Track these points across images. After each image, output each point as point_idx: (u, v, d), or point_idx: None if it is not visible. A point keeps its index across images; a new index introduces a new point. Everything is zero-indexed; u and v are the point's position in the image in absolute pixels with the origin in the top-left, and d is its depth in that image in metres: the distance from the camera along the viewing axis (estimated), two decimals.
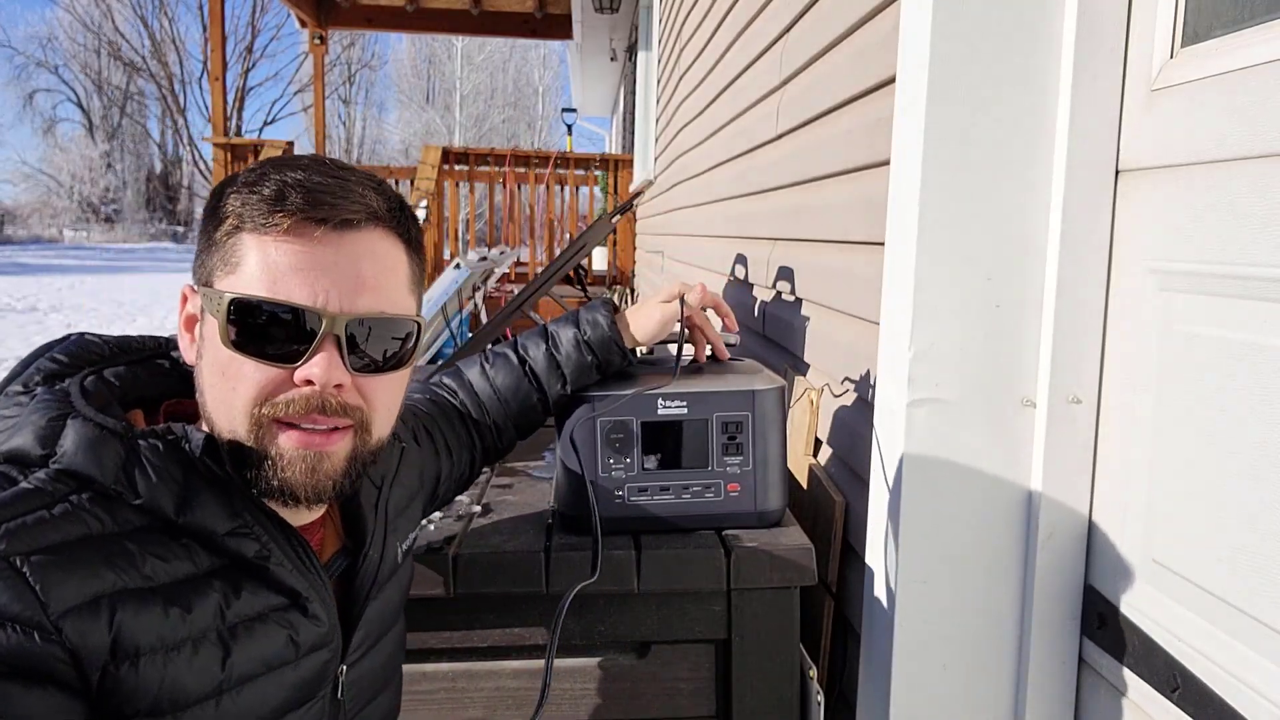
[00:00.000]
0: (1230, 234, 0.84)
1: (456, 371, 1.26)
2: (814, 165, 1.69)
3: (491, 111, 34.64)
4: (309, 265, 0.73)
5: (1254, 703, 0.81)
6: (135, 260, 28.82)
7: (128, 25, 36.47)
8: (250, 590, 0.74)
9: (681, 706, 1.24)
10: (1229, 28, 0.88)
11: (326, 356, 0.73)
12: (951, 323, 1.08)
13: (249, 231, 0.73)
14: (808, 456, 1.56)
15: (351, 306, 0.74)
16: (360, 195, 0.76)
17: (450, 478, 1.16)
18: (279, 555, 0.76)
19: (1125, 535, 1.01)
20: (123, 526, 0.69)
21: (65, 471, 0.68)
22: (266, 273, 0.73)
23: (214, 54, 7.88)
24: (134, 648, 0.66)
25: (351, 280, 0.74)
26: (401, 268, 0.80)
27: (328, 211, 0.73)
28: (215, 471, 0.73)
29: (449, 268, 4.24)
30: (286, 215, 0.72)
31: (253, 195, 0.73)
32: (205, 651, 0.70)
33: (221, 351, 0.73)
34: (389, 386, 0.80)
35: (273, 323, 0.72)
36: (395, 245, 0.79)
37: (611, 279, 7.76)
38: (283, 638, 0.76)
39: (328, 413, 0.75)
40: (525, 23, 9.45)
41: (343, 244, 0.74)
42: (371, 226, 0.76)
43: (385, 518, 0.92)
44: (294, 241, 0.73)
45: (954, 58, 1.04)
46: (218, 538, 0.73)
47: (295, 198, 0.73)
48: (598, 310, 1.24)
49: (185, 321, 0.79)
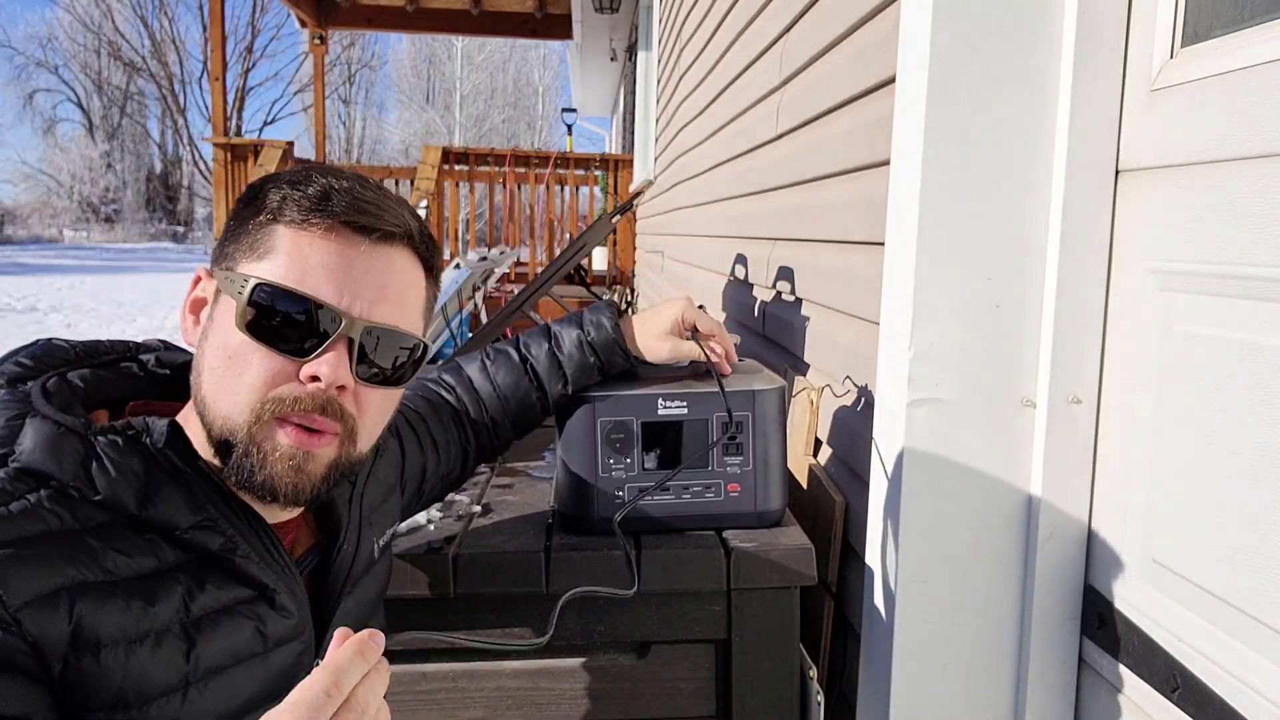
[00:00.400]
0: (1230, 234, 0.84)
1: (456, 368, 1.26)
2: (814, 165, 1.69)
3: (491, 111, 34.65)
4: (340, 267, 0.75)
5: (1254, 703, 0.81)
6: (135, 260, 28.82)
7: (128, 25, 36.50)
8: (215, 583, 0.74)
9: (681, 706, 1.24)
10: (1229, 28, 0.88)
11: (336, 356, 0.74)
12: (951, 323, 1.08)
13: (286, 224, 0.75)
14: (808, 456, 1.56)
15: (369, 314, 0.76)
16: (399, 213, 0.79)
17: (438, 474, 1.16)
18: (245, 548, 0.76)
19: (1125, 535, 1.01)
20: (84, 523, 0.69)
21: (24, 470, 0.68)
22: (297, 265, 0.74)
23: (214, 54, 7.88)
24: (94, 639, 0.66)
25: (376, 290, 0.76)
26: (420, 290, 0.83)
27: (369, 220, 0.76)
28: (177, 465, 0.73)
29: (449, 268, 4.24)
30: (329, 216, 0.75)
31: (296, 191, 0.75)
32: (168, 644, 0.70)
33: (233, 335, 0.74)
34: (381, 402, 0.81)
35: (292, 313, 0.73)
36: (418, 268, 0.82)
37: (611, 279, 7.76)
38: (249, 630, 0.76)
39: (327, 414, 0.75)
40: (525, 23, 9.45)
41: (375, 255, 0.77)
42: (404, 245, 0.79)
43: (360, 513, 0.92)
44: (330, 241, 0.75)
45: (954, 58, 1.04)
46: (181, 531, 0.73)
47: (340, 201, 0.75)
48: (602, 312, 1.23)
49: (191, 304, 0.80)
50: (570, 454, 1.23)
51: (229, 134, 8.80)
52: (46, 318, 12.76)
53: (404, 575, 1.16)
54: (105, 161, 41.39)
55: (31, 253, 32.11)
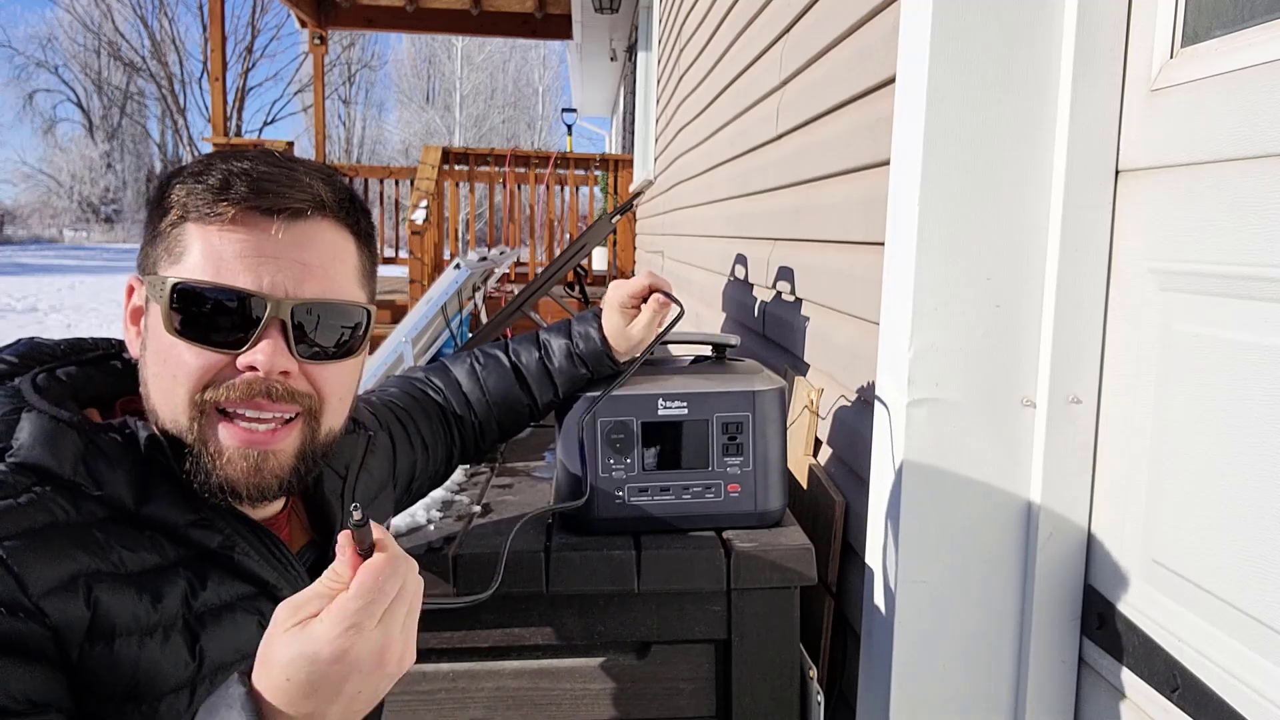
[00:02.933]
0: (1230, 234, 0.84)
1: (443, 369, 1.26)
2: (814, 165, 1.69)
3: (491, 111, 34.64)
4: (253, 253, 0.73)
5: (1254, 703, 0.81)
6: (135, 260, 28.73)
7: (128, 25, 36.52)
8: (216, 580, 0.74)
9: (681, 706, 1.24)
10: (1229, 28, 0.88)
11: (271, 343, 0.73)
12: (951, 323, 1.08)
13: (193, 221, 0.73)
14: (808, 456, 1.56)
15: (298, 292, 0.74)
16: (307, 185, 0.76)
17: (426, 473, 1.16)
18: (244, 545, 0.76)
19: (1125, 535, 1.01)
20: (87, 518, 0.69)
21: (24, 465, 0.68)
22: (210, 260, 0.72)
23: (214, 54, 7.88)
24: (110, 627, 0.66)
25: (297, 268, 0.74)
26: (350, 258, 0.79)
27: (273, 201, 0.73)
28: (170, 465, 0.73)
29: (449, 268, 4.24)
30: (231, 204, 0.72)
31: (198, 185, 0.73)
32: (175, 639, 0.70)
33: (164, 339, 0.73)
34: (339, 375, 0.80)
35: (217, 309, 0.72)
36: (343, 235, 0.79)
37: (611, 279, 7.76)
38: (253, 625, 0.76)
39: (274, 398, 0.74)
40: (525, 23, 9.45)
41: (288, 233, 0.74)
42: (319, 217, 0.76)
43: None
44: (238, 230, 0.73)
45: (954, 58, 1.04)
46: (180, 529, 0.73)
47: (240, 187, 0.73)
48: (590, 322, 1.23)
49: (131, 314, 0.79)
50: (570, 454, 1.23)
51: (229, 134, 8.80)
52: (46, 318, 12.75)
53: None
54: (105, 161, 41.39)
55: (31, 253, 32.10)
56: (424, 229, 6.77)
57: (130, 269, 0.82)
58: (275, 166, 0.75)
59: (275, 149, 4.74)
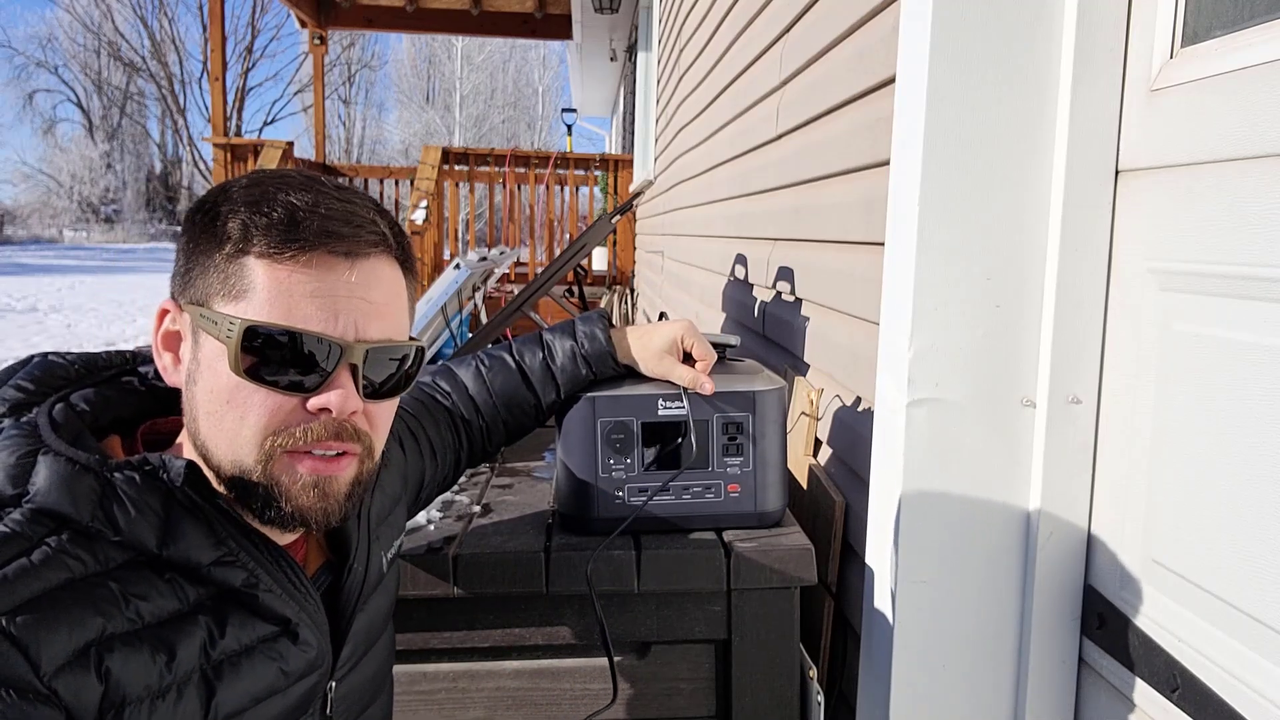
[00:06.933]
0: (1230, 234, 0.84)
1: (448, 372, 1.25)
2: (814, 165, 1.69)
3: (491, 111, 34.64)
4: (325, 294, 0.72)
5: (1254, 703, 0.81)
6: (135, 260, 28.82)
7: (128, 25, 36.52)
8: (237, 623, 0.73)
9: (681, 706, 1.24)
10: (1229, 28, 0.88)
11: (344, 387, 0.73)
12: (951, 323, 1.08)
13: (258, 258, 0.71)
14: (808, 456, 1.56)
15: (364, 334, 0.74)
16: (371, 223, 0.75)
17: (434, 481, 1.16)
18: (268, 581, 0.75)
19: (1125, 535, 1.01)
20: (105, 565, 0.67)
21: (40, 511, 0.66)
22: (280, 301, 0.71)
23: (214, 54, 7.88)
24: (121, 698, 0.65)
25: (365, 307, 0.74)
26: (404, 292, 0.80)
27: (346, 245, 0.73)
28: (196, 500, 0.72)
29: (449, 268, 4.24)
30: (304, 246, 0.71)
31: (259, 218, 0.71)
32: (189, 695, 0.69)
33: (228, 378, 0.71)
34: (389, 411, 0.80)
35: (290, 351, 0.71)
36: (397, 270, 0.79)
37: (611, 279, 7.76)
38: (272, 671, 0.75)
39: (342, 438, 0.74)
40: (525, 23, 9.45)
41: (357, 273, 0.73)
42: (380, 254, 0.76)
43: (368, 527, 0.91)
44: (309, 271, 0.71)
45: (954, 57, 1.04)
46: (203, 569, 0.71)
47: (310, 225, 0.71)
48: (595, 323, 1.23)
49: (164, 339, 0.77)
50: (570, 454, 1.23)
51: (229, 134, 8.79)
52: (46, 318, 12.76)
53: (404, 575, 1.16)
54: (105, 162, 41.40)
55: (31, 253, 32.13)
56: (424, 229, 6.78)
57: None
58: (335, 200, 0.74)
59: (278, 146, 4.70)
